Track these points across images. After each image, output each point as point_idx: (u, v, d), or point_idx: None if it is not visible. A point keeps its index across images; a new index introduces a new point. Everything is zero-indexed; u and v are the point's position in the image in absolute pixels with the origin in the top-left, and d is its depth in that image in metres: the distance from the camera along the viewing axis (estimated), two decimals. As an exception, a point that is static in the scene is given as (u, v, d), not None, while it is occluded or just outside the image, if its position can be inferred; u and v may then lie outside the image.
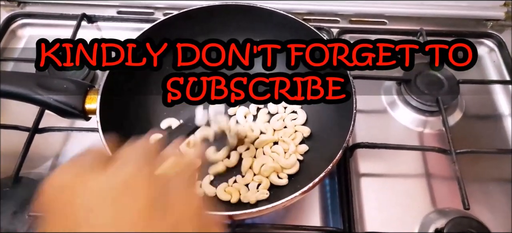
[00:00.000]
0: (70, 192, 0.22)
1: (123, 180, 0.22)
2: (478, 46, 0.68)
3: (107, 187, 0.21)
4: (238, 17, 0.56)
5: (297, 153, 0.50)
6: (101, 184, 0.22)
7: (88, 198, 0.21)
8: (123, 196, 0.21)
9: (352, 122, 0.44)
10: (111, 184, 0.22)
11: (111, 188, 0.21)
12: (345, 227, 0.47)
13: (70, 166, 0.24)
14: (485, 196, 0.51)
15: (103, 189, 0.21)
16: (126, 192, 0.21)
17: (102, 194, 0.21)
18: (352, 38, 0.68)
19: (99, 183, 0.22)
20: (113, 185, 0.22)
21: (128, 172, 0.22)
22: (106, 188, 0.21)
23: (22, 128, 0.53)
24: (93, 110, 0.45)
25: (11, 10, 0.71)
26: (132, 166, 0.23)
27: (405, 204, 0.51)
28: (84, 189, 0.22)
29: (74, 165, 0.24)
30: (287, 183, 0.48)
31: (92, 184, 0.22)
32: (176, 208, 0.22)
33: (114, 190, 0.21)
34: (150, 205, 0.21)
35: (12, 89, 0.43)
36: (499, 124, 0.59)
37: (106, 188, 0.21)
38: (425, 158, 0.55)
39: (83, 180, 0.22)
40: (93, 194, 0.21)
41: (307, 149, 0.51)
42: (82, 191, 0.22)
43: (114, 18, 0.69)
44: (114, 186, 0.22)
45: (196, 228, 0.22)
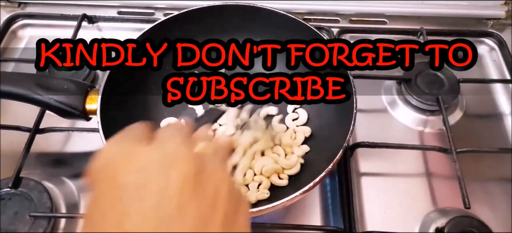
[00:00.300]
0: (119, 163, 0.23)
1: (167, 153, 0.23)
2: (479, 45, 0.68)
3: (153, 159, 0.23)
4: (239, 17, 0.56)
5: (298, 154, 0.50)
6: (147, 156, 0.23)
7: (136, 167, 0.22)
8: (168, 167, 0.22)
9: (353, 121, 0.44)
10: (156, 157, 0.23)
11: (156, 160, 0.23)
12: (346, 226, 0.47)
13: (117, 140, 0.26)
14: (485, 195, 0.51)
15: (149, 160, 0.23)
16: (170, 163, 0.22)
17: (149, 164, 0.22)
18: (353, 37, 0.68)
19: (145, 155, 0.23)
20: (158, 157, 0.23)
21: (171, 147, 0.24)
22: (151, 160, 0.23)
23: (23, 128, 0.53)
24: (93, 111, 0.45)
25: (12, 11, 0.71)
26: (173, 142, 0.25)
27: (405, 203, 0.51)
28: (132, 160, 0.23)
29: (121, 139, 0.26)
30: (287, 184, 0.48)
31: (139, 155, 0.23)
32: (214, 183, 0.23)
33: (159, 161, 0.23)
34: (193, 177, 0.22)
35: (13, 90, 0.43)
36: (499, 123, 0.59)
37: (151, 159, 0.23)
38: (425, 158, 0.54)
39: (131, 151, 0.24)
40: (141, 164, 0.23)
41: (308, 149, 0.51)
42: (131, 162, 0.23)
43: (114, 18, 0.69)
44: (159, 158, 0.23)
45: (231, 203, 0.23)
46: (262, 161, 0.49)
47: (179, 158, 0.23)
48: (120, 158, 0.23)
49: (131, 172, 0.22)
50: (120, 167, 0.23)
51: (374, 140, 0.53)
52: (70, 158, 0.56)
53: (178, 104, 0.48)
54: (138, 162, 0.23)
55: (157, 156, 0.23)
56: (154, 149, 0.24)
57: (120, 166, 0.23)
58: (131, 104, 0.52)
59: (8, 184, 0.49)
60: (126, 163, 0.23)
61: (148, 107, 0.54)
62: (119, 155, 0.23)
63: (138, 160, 0.23)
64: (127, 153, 0.23)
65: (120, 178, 0.22)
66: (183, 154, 0.23)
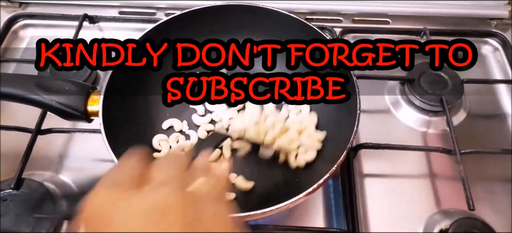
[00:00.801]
0: (108, 212, 0.23)
1: (160, 201, 0.23)
2: (482, 45, 0.68)
3: (144, 209, 0.22)
4: (241, 17, 0.56)
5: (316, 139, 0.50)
6: (138, 205, 0.23)
7: (125, 219, 0.22)
8: (160, 219, 0.22)
9: (356, 122, 0.43)
10: (147, 206, 0.22)
11: (147, 210, 0.22)
12: (349, 228, 0.47)
13: (108, 184, 0.25)
14: (490, 197, 0.51)
15: (140, 211, 0.22)
16: (162, 214, 0.22)
17: (139, 215, 0.22)
18: (355, 37, 0.68)
19: (136, 204, 0.23)
20: (149, 206, 0.22)
21: (164, 194, 0.23)
22: (142, 210, 0.22)
23: (24, 129, 0.53)
24: (95, 112, 0.44)
25: (13, 11, 0.71)
26: (167, 188, 0.24)
27: (409, 204, 0.51)
28: (121, 210, 0.22)
29: (113, 182, 0.25)
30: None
31: (128, 204, 0.23)
32: (208, 226, 0.23)
33: (151, 212, 0.22)
34: (187, 227, 0.22)
35: (13, 91, 0.43)
36: (503, 124, 0.59)
37: (142, 210, 0.22)
38: (429, 159, 0.54)
39: (121, 198, 0.23)
40: (130, 215, 0.22)
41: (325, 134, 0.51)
42: (120, 212, 0.22)
43: (116, 18, 0.69)
44: (151, 208, 0.22)
45: None
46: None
47: (173, 208, 0.22)
48: (112, 206, 0.23)
49: (122, 222, 0.22)
50: (112, 215, 0.22)
51: (377, 141, 0.52)
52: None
53: (178, 104, 0.48)
54: (129, 211, 0.22)
55: (149, 205, 0.22)
56: (146, 195, 0.23)
57: (112, 214, 0.22)
58: (133, 105, 0.52)
59: (10, 185, 0.49)
60: (117, 211, 0.22)
61: (150, 108, 0.54)
62: (111, 202, 0.23)
63: (129, 209, 0.22)
64: (119, 200, 0.23)
65: (112, 227, 0.22)
66: (177, 203, 0.23)
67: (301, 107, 0.54)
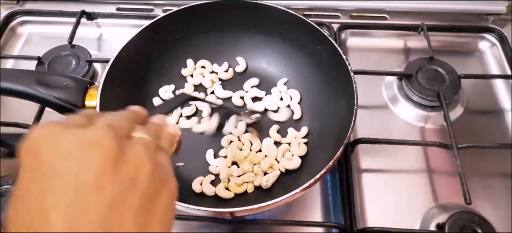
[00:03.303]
0: (46, 144, 0.24)
1: (90, 136, 0.24)
2: (480, 41, 0.68)
3: (76, 141, 0.23)
4: (238, 13, 0.56)
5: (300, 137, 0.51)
6: (72, 138, 0.24)
7: (60, 148, 0.23)
8: (89, 150, 0.23)
9: (353, 117, 0.43)
10: (79, 139, 0.23)
11: (79, 142, 0.23)
12: (346, 222, 0.47)
13: (53, 122, 0.25)
14: (486, 191, 0.51)
15: (73, 142, 0.23)
16: (91, 146, 0.23)
17: (72, 146, 0.23)
18: (353, 33, 0.68)
19: (70, 137, 0.24)
20: (81, 140, 0.23)
21: (96, 131, 0.24)
22: (76, 142, 0.23)
23: (22, 125, 0.53)
24: (93, 107, 0.45)
25: (10, 8, 0.71)
26: (101, 127, 0.25)
27: (406, 199, 0.51)
28: (58, 141, 0.23)
29: (56, 122, 0.25)
30: (299, 165, 0.49)
31: (64, 137, 0.24)
32: (135, 165, 0.24)
33: (82, 144, 0.23)
34: (113, 159, 0.23)
35: (12, 86, 0.43)
36: (500, 119, 0.59)
37: (75, 141, 0.23)
38: (426, 153, 0.54)
39: (59, 133, 0.24)
40: (65, 145, 0.23)
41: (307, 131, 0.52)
42: (56, 143, 0.23)
43: (113, 15, 0.69)
44: (82, 141, 0.23)
45: (154, 182, 0.24)
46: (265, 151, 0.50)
47: (101, 142, 0.23)
48: (48, 140, 0.24)
49: (54, 152, 0.23)
50: (46, 147, 0.23)
51: (375, 136, 0.52)
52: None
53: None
54: (62, 144, 0.23)
55: (80, 139, 0.23)
56: (80, 132, 0.24)
57: (46, 147, 0.23)
58: (128, 99, 0.51)
59: (8, 181, 0.49)
60: (51, 144, 0.23)
61: (146, 102, 0.54)
62: (47, 137, 0.24)
63: (63, 142, 0.23)
64: (55, 135, 0.24)
65: (44, 157, 0.23)
66: (106, 138, 0.24)
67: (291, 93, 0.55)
